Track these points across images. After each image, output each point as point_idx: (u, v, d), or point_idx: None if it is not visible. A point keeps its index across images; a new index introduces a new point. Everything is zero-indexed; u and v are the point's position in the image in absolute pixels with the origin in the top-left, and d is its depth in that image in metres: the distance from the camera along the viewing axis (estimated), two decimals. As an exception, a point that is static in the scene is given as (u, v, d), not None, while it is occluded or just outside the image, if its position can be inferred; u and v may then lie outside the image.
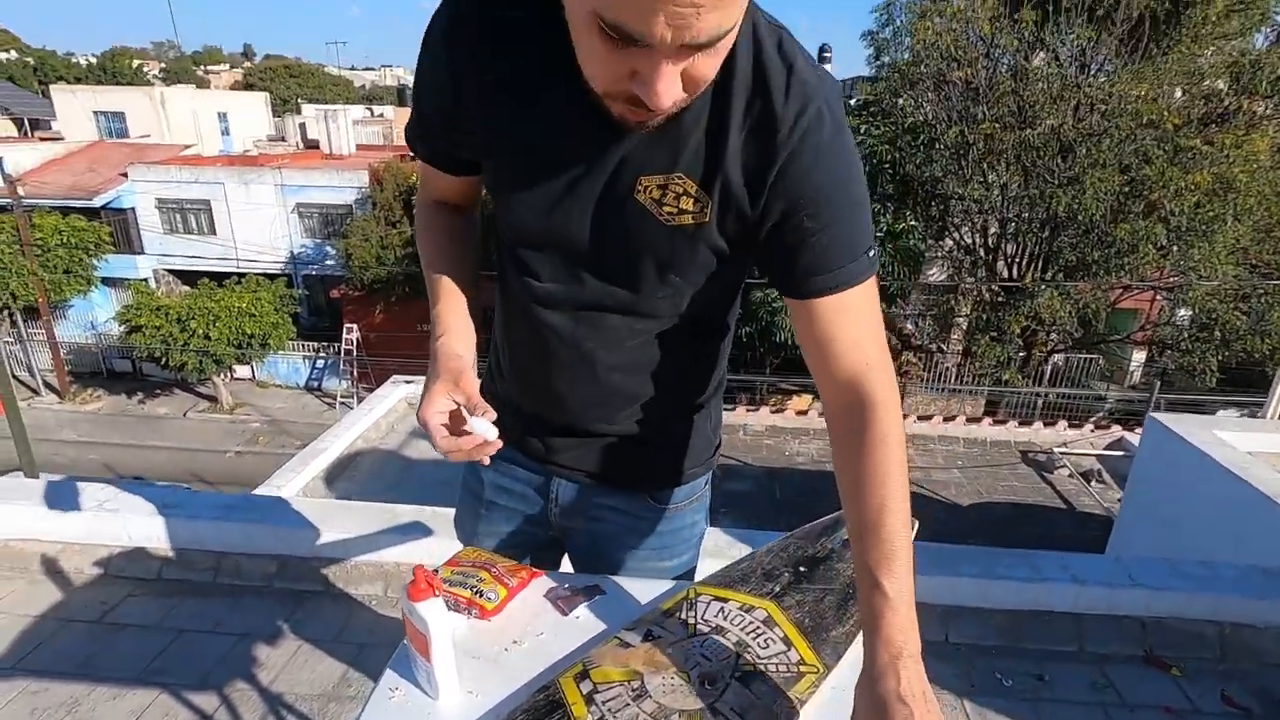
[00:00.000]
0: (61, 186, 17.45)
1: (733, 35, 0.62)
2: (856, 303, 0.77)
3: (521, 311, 0.92)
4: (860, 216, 0.77)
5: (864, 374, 0.76)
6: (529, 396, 1.01)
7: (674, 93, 0.62)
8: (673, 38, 0.57)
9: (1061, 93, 10.12)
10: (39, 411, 16.10)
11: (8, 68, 45.06)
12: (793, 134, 0.71)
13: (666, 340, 0.91)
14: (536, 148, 0.78)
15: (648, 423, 0.99)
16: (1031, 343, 11.37)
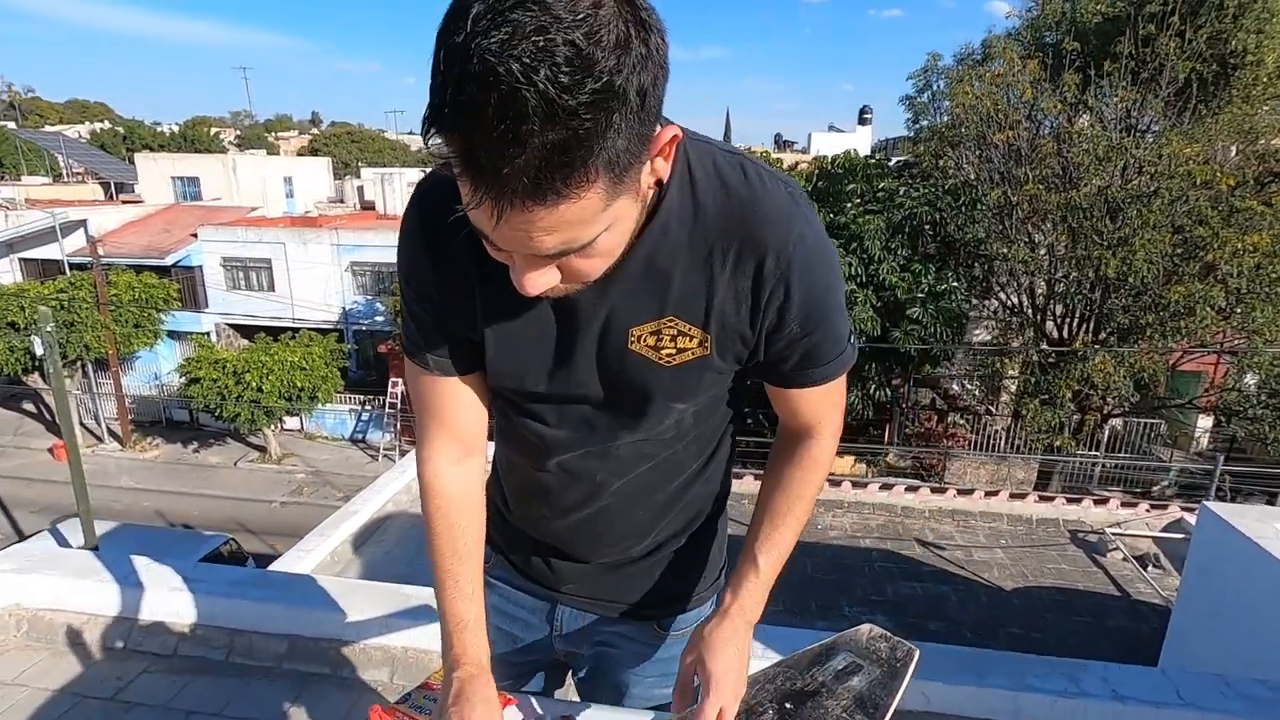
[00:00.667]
0: (138, 246, 18.64)
1: (610, 232, 0.63)
2: (832, 385, 0.87)
3: (530, 452, 0.92)
4: (842, 316, 0.83)
5: (817, 428, 0.91)
6: (536, 528, 1.01)
7: (541, 284, 0.65)
8: (521, 250, 0.61)
9: (1108, 154, 9.98)
10: (101, 458, 16.81)
11: (101, 137, 48.95)
12: (779, 262, 0.74)
13: (674, 459, 0.92)
14: (526, 316, 0.79)
15: (655, 547, 0.99)
16: (1085, 407, 10.91)
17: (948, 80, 13.39)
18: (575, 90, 0.50)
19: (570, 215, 0.57)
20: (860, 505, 4.73)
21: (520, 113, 0.50)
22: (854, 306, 11.07)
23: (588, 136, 0.52)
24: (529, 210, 0.55)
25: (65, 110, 66.05)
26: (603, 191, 0.57)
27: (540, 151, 0.51)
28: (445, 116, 0.53)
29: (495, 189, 0.54)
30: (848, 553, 4.18)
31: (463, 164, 0.55)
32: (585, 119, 0.51)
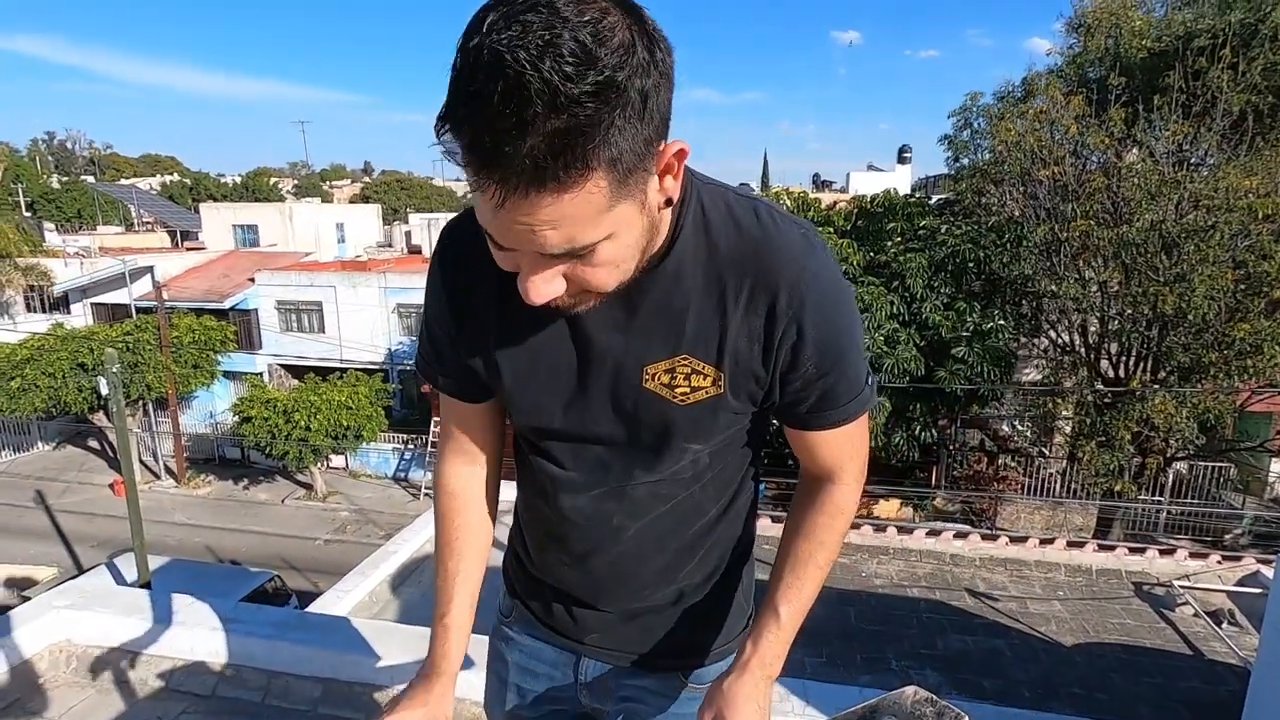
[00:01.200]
0: (199, 290, 19.56)
1: (616, 238, 0.63)
2: (851, 428, 0.86)
3: (545, 494, 0.93)
4: (859, 356, 0.83)
5: (838, 472, 0.89)
6: (556, 574, 0.99)
7: (546, 292, 0.65)
8: (526, 247, 0.62)
9: (1160, 188, 9.71)
10: (157, 494, 17.37)
11: (170, 188, 51.96)
12: (792, 300, 0.74)
13: (692, 501, 0.91)
14: (543, 354, 0.81)
15: (678, 596, 0.97)
16: (1146, 449, 10.40)
17: (988, 118, 13.29)
18: (578, 80, 0.52)
19: (572, 210, 0.58)
20: (906, 552, 4.55)
21: (525, 98, 0.52)
22: (897, 345, 10.87)
23: (589, 126, 0.54)
24: (531, 198, 0.56)
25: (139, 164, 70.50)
26: (605, 189, 0.58)
27: (542, 137, 0.53)
28: (456, 107, 0.56)
29: (499, 173, 0.55)
30: (894, 602, 4.01)
31: (470, 153, 0.56)
32: (587, 107, 0.53)
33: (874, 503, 14.06)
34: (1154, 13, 12.43)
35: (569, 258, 0.63)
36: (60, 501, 16.65)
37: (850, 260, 11.62)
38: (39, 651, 2.34)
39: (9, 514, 15.93)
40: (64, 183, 49.31)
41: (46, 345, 16.24)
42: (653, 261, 0.74)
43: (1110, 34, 12.34)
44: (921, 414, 11.31)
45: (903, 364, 10.71)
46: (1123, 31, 12.16)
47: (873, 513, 13.97)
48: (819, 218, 14.00)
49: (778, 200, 14.82)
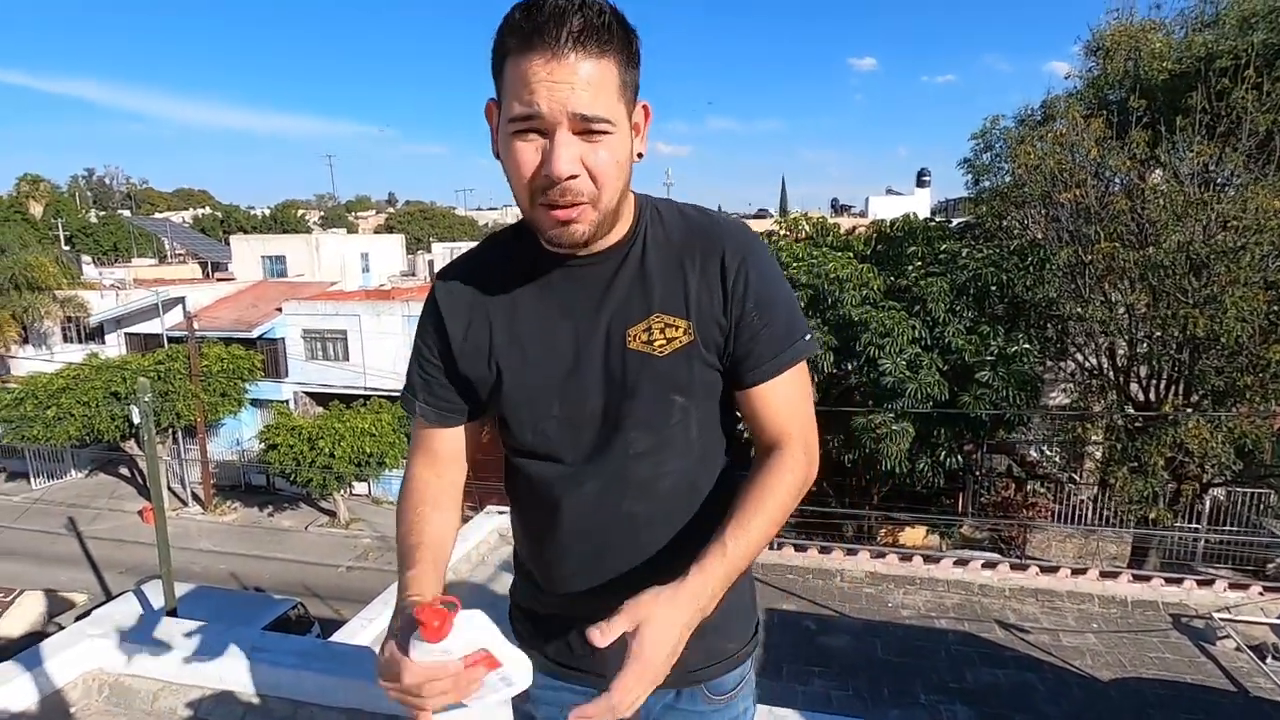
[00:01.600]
0: (228, 320, 20.00)
1: (616, 138, 0.83)
2: (795, 384, 0.97)
3: (548, 503, 0.99)
4: (795, 307, 0.99)
5: (787, 439, 0.96)
6: (572, 593, 1.02)
7: (568, 159, 0.80)
8: (557, 110, 0.78)
9: (1186, 209, 9.58)
10: (184, 521, 17.61)
11: (202, 221, 53.46)
12: (734, 256, 0.94)
13: (688, 480, 0.99)
14: (536, 343, 0.95)
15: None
16: (1181, 475, 10.12)
17: (1008, 141, 13.26)
18: (603, 10, 0.80)
19: (597, 76, 0.79)
20: (933, 582, 4.45)
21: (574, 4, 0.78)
22: (920, 370, 10.75)
23: (609, 31, 0.79)
24: (573, 59, 0.77)
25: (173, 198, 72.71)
26: (615, 75, 0.81)
27: (587, 19, 0.78)
28: (522, 14, 0.79)
29: (557, 40, 0.77)
30: (921, 634, 3.92)
31: (530, 43, 0.78)
32: (610, 22, 0.80)
33: (899, 530, 13.81)
34: (1173, 35, 12.38)
35: (586, 134, 0.81)
36: (91, 528, 16.95)
37: (870, 285, 11.57)
38: (72, 680, 2.38)
39: (43, 540, 16.24)
40: (101, 217, 50.99)
41: (82, 375, 16.67)
42: (623, 248, 0.94)
43: (1129, 56, 12.30)
44: (946, 439, 11.14)
45: (926, 388, 10.58)
46: (1142, 54, 12.12)
47: (898, 540, 13.72)
48: (838, 242, 13.99)
49: (796, 225, 14.85)
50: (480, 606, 2.75)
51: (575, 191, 0.82)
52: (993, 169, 13.77)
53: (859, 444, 10.90)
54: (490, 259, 1.01)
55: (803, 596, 4.34)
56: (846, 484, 13.63)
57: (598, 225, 0.87)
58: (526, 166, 0.82)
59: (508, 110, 0.81)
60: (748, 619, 1.10)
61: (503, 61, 0.82)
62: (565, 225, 0.85)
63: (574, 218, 0.84)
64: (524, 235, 0.96)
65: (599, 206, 0.85)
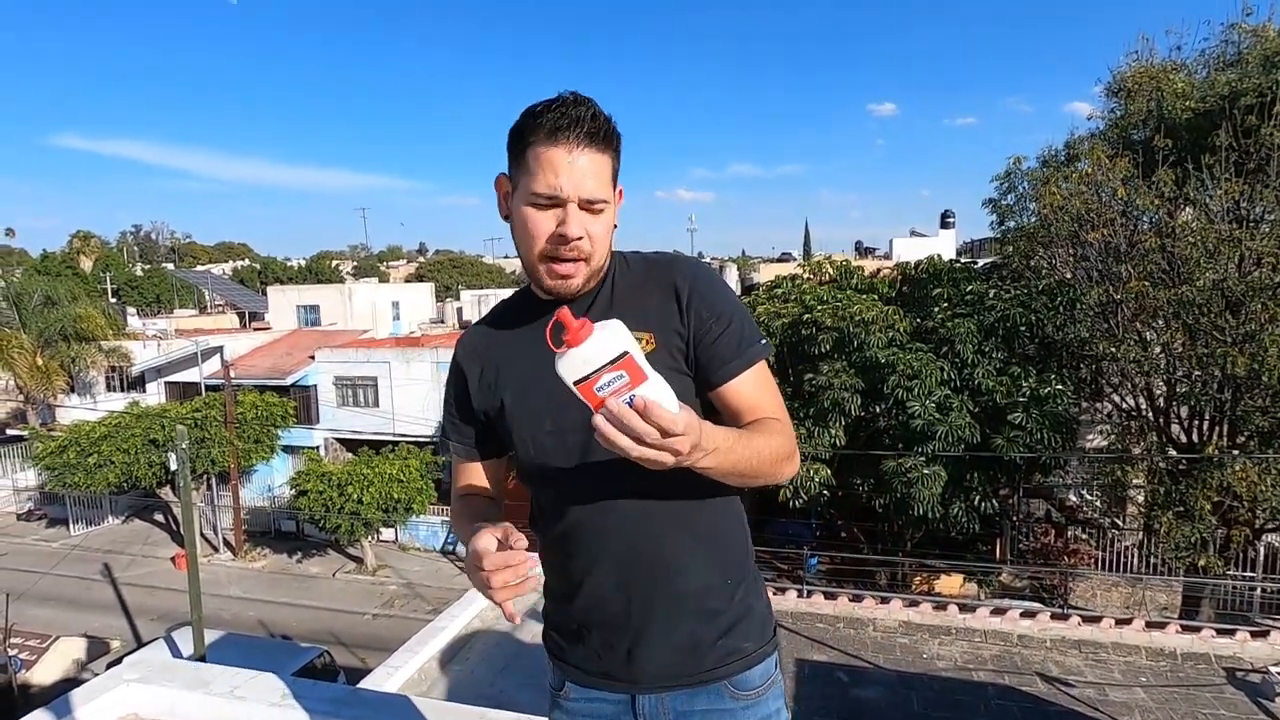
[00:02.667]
0: (263, 368, 20.50)
1: (607, 214, 1.08)
2: (760, 379, 1.12)
3: (559, 514, 1.14)
4: (749, 318, 1.14)
5: (768, 420, 1.09)
6: (599, 603, 1.13)
7: (580, 229, 1.04)
8: (574, 192, 1.03)
9: (1219, 247, 9.44)
10: (214, 568, 17.76)
11: (241, 273, 55.33)
12: (686, 277, 1.13)
13: (672, 479, 1.02)
14: (531, 375, 1.12)
15: (710, 592, 1.13)
16: (1230, 520, 9.71)
17: (1032, 182, 13.24)
18: (607, 119, 1.06)
19: (600, 167, 1.04)
20: (970, 632, 4.30)
21: (595, 110, 1.04)
22: (950, 412, 10.58)
23: (610, 134, 1.05)
24: (587, 151, 1.03)
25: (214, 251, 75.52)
26: (611, 167, 1.07)
27: (596, 126, 1.03)
28: (562, 104, 1.03)
29: (576, 139, 1.02)
30: (959, 687, 3.77)
31: (555, 139, 1.02)
32: (611, 124, 1.06)
33: (935, 578, 13.37)
34: (1194, 75, 12.38)
35: (590, 210, 1.04)
36: (125, 574, 17.17)
37: (897, 327, 11.50)
38: (107, 724, 2.40)
39: (79, 587, 16.48)
40: (147, 271, 53.10)
41: (122, 423, 17.13)
42: (597, 288, 1.14)
43: (1151, 97, 12.31)
44: (980, 483, 10.87)
45: (957, 431, 10.39)
46: (1164, 94, 12.12)
47: (934, 588, 13.27)
48: (862, 284, 13.98)
49: (819, 268, 14.89)
50: (500, 656, 2.80)
51: (579, 250, 1.05)
52: (1018, 209, 13.73)
53: (890, 488, 10.69)
54: (498, 317, 1.24)
55: (834, 646, 4.22)
56: (879, 530, 13.31)
57: (588, 279, 1.10)
58: (543, 232, 1.05)
59: (530, 186, 1.04)
60: (763, 621, 1.19)
61: (525, 147, 1.05)
62: (565, 279, 1.08)
63: (572, 273, 1.07)
64: (524, 295, 1.21)
65: (591, 264, 1.08)
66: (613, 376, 0.84)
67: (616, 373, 0.84)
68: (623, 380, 0.84)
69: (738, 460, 0.98)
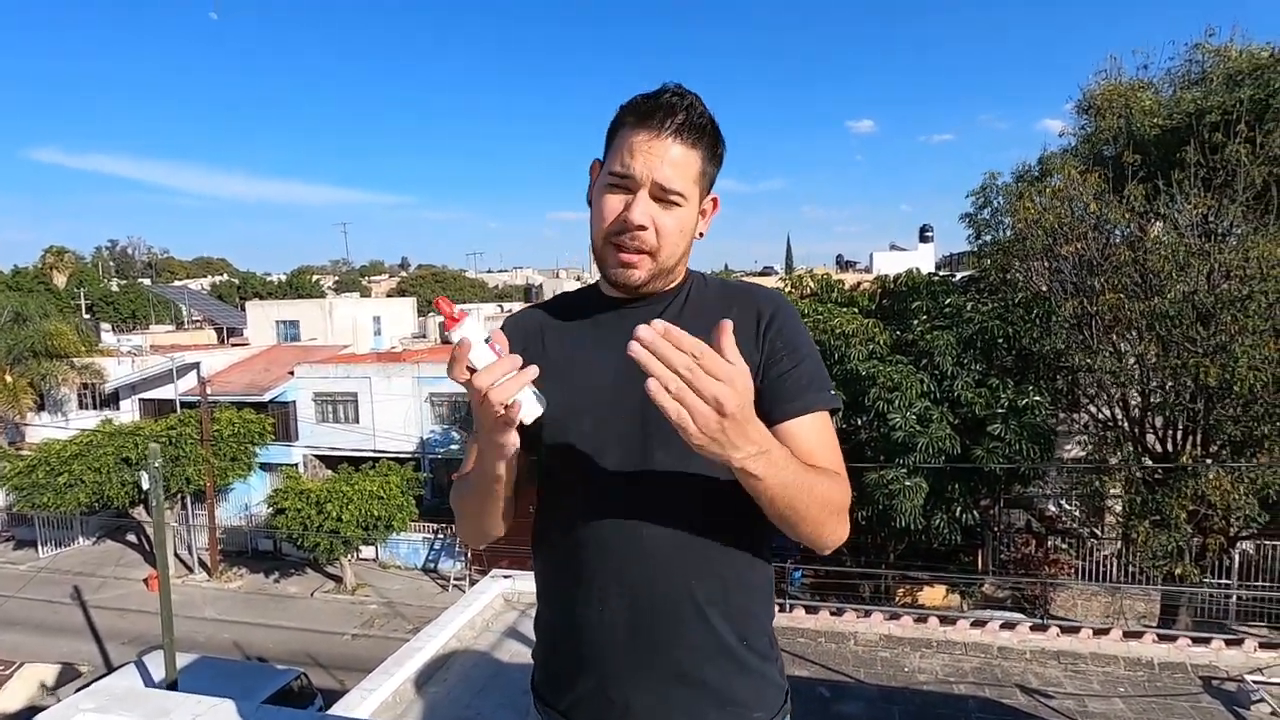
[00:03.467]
0: (240, 385, 20.21)
1: (685, 211, 1.02)
2: (822, 428, 1.04)
3: (577, 529, 1.04)
4: (820, 364, 1.08)
5: (824, 468, 1.00)
6: (594, 629, 1.02)
7: (642, 215, 0.99)
8: (646, 174, 0.98)
9: (1188, 260, 9.64)
10: (189, 588, 17.37)
11: (219, 288, 54.67)
12: (768, 308, 1.08)
13: (710, 511, 1.01)
14: (575, 366, 1.07)
15: (726, 648, 1.02)
16: (1206, 529, 9.84)
17: (1007, 197, 13.47)
18: (707, 114, 1.02)
19: (684, 161, 0.99)
20: (951, 645, 4.30)
21: (693, 101, 1.01)
22: (930, 424, 10.65)
23: (703, 130, 1.01)
24: (673, 141, 0.98)
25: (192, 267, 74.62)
26: (697, 165, 1.01)
27: (692, 117, 0.99)
28: (662, 93, 1.00)
29: (662, 125, 0.98)
30: (940, 700, 3.76)
31: (642, 122, 0.99)
32: (709, 123, 1.02)
33: (918, 589, 13.41)
34: (1161, 93, 12.71)
35: (662, 200, 1.00)
36: (96, 597, 16.73)
37: (877, 339, 11.59)
38: (61, 757, 2.31)
39: (47, 610, 16.03)
40: (122, 286, 52.29)
41: (94, 441, 16.77)
42: (669, 296, 1.10)
43: (1120, 114, 12.61)
44: (961, 495, 10.94)
45: (937, 443, 10.46)
46: (1133, 111, 12.42)
47: (918, 600, 13.30)
48: (843, 298, 14.10)
49: (800, 282, 15.01)
50: (485, 675, 2.77)
51: (642, 240, 1.01)
52: (994, 224, 13.95)
53: (872, 500, 10.72)
54: (557, 305, 1.18)
55: (815, 661, 4.20)
56: (862, 542, 13.33)
57: (653, 275, 1.04)
58: (611, 212, 1.01)
59: (609, 166, 1.02)
60: (778, 690, 1.09)
61: (616, 131, 1.03)
62: (626, 268, 1.03)
63: (635, 263, 1.02)
64: (590, 290, 1.16)
65: (658, 259, 1.03)
66: None
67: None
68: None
69: (789, 484, 0.88)
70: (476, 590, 5.07)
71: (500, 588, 5.10)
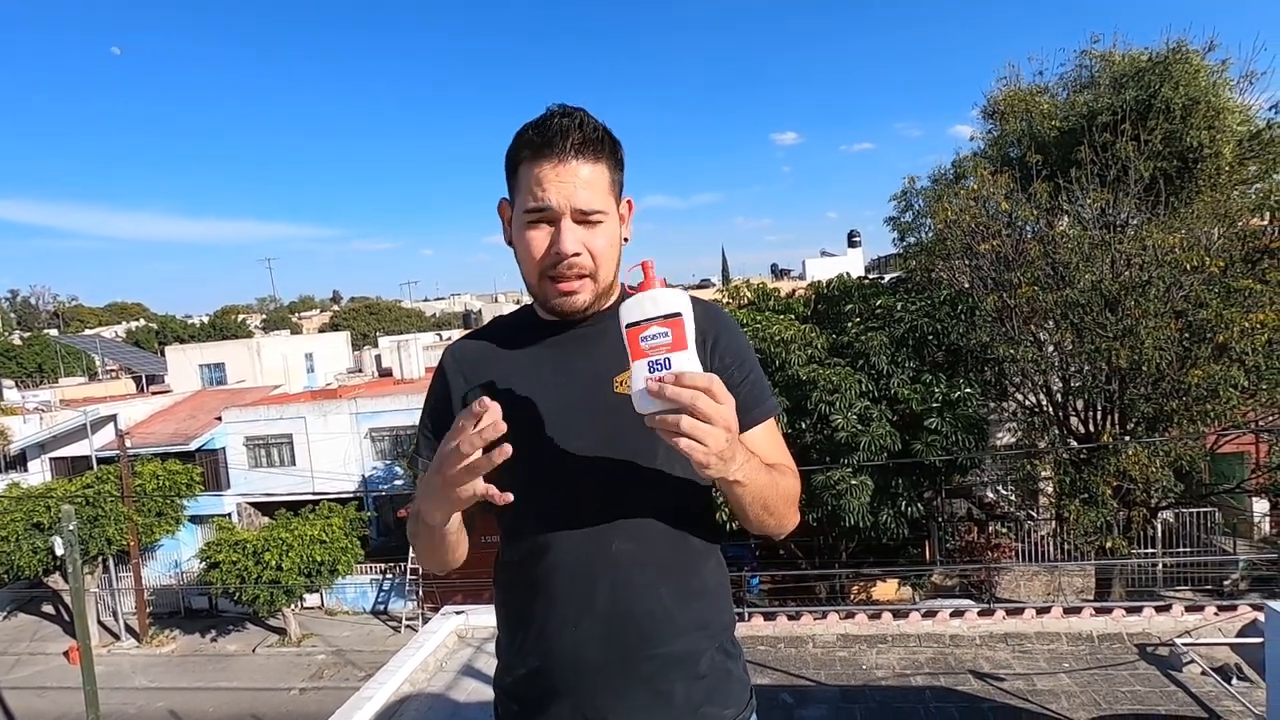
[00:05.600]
0: (164, 435, 19.13)
1: (608, 225, 1.02)
2: (774, 434, 1.12)
3: (542, 548, 1.03)
4: (762, 376, 1.14)
5: (780, 464, 1.07)
6: (562, 645, 1.02)
7: (573, 242, 0.98)
8: (563, 204, 0.97)
9: (1092, 251, 10.26)
10: (116, 658, 16.22)
11: (136, 334, 51.77)
12: (709, 321, 1.08)
13: (673, 521, 1.04)
14: (525, 388, 1.06)
15: (695, 653, 1.04)
16: (1129, 502, 10.41)
17: (926, 199, 14.10)
18: (599, 126, 1.01)
19: (594, 179, 0.99)
20: (905, 638, 4.38)
21: (584, 118, 1.00)
22: (870, 423, 10.95)
23: (601, 142, 1.00)
24: (578, 163, 0.98)
25: (104, 313, 70.46)
26: (607, 177, 1.02)
27: (584, 136, 0.98)
28: (550, 117, 0.99)
29: (562, 150, 0.97)
30: (898, 694, 3.83)
31: (541, 153, 0.98)
32: (604, 133, 1.01)
33: (872, 585, 13.70)
34: (1057, 97, 13.58)
35: (586, 223, 0.99)
36: (9, 677, 15.43)
37: (814, 344, 11.88)
38: None
39: (-49, 697, 14.68)
40: (25, 339, 48.92)
41: (1, 507, 15.54)
42: (610, 313, 1.05)
43: (1022, 117, 13.41)
44: (905, 489, 11.26)
45: (879, 440, 10.76)
46: (1033, 114, 13.23)
47: (872, 596, 13.58)
48: (779, 305, 14.41)
49: (737, 292, 15.28)
50: (433, 698, 2.67)
51: (579, 266, 1.00)
52: (916, 226, 14.56)
53: (820, 502, 10.92)
54: (495, 331, 1.17)
55: (776, 668, 4.21)
56: (814, 544, 13.54)
57: (595, 296, 1.04)
58: (538, 249, 1.00)
59: (522, 204, 1.00)
60: (742, 684, 1.13)
61: (516, 166, 1.01)
62: (568, 295, 1.02)
63: (576, 289, 1.02)
64: (525, 313, 1.15)
65: (597, 279, 1.03)
66: (660, 331, 0.86)
67: (664, 329, 0.86)
68: (666, 339, 0.86)
69: (764, 485, 0.97)
70: (427, 630, 4.88)
71: (453, 625, 4.93)
